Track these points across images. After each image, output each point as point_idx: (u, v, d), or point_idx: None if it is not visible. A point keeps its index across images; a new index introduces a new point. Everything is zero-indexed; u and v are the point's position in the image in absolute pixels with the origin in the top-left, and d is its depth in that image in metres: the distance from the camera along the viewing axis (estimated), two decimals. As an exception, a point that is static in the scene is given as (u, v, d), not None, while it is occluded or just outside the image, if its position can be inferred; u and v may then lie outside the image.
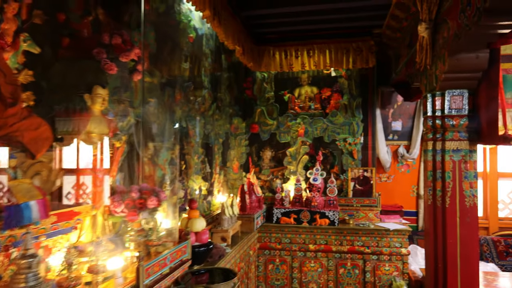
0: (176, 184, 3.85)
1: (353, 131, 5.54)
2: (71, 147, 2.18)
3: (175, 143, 3.79)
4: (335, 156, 5.70)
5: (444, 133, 3.05)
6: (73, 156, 2.20)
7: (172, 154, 3.89)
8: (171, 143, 3.49)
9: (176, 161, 3.96)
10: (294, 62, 5.28)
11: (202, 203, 4.33)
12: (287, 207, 5.16)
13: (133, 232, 2.28)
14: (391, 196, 5.92)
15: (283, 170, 5.80)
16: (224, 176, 5.39)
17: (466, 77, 2.88)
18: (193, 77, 4.12)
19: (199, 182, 4.61)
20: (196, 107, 4.13)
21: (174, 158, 3.93)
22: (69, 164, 2.13)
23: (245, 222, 4.64)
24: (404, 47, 4.46)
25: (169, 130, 3.43)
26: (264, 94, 5.80)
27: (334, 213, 5.01)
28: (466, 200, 2.95)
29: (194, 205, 3.00)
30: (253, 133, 5.82)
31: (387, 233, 4.86)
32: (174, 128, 3.56)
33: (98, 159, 2.36)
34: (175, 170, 3.93)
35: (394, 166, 5.98)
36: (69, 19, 2.31)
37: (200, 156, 4.26)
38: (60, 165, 2.08)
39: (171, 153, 3.84)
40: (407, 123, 5.94)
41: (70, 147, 2.15)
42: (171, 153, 3.46)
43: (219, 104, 5.07)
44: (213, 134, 4.75)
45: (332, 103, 5.66)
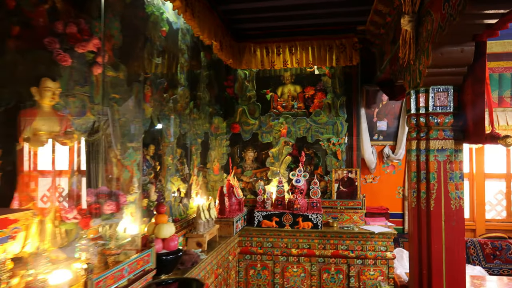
0: (150, 187, 3.63)
1: (337, 131, 5.37)
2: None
3: (149, 143, 3.57)
4: (319, 156, 5.53)
5: (428, 131, 2.88)
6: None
7: (146, 155, 3.67)
8: (139, 143, 3.27)
9: (150, 162, 3.75)
10: (276, 60, 5.09)
11: (178, 206, 4.10)
12: (268, 209, 4.97)
13: (84, 241, 2.05)
14: (376, 198, 5.76)
15: (266, 172, 5.60)
16: (203, 178, 5.17)
17: (450, 72, 2.72)
18: (168, 74, 3.90)
19: (178, 184, 4.39)
20: (171, 105, 3.90)
21: (148, 159, 3.71)
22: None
23: (224, 226, 4.43)
24: (388, 43, 4.30)
25: (138, 129, 3.20)
26: (246, 93, 5.60)
27: (317, 216, 4.83)
28: (452, 202, 2.78)
29: (162, 210, 2.78)
30: (234, 133, 5.61)
31: (372, 236, 4.69)
32: (144, 127, 3.34)
33: (50, 160, 2.13)
34: (149, 172, 3.71)
35: (380, 167, 5.83)
36: (20, 6, 2.09)
37: (175, 157, 4.04)
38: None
39: (145, 153, 3.62)
40: (393, 123, 5.79)
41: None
42: (140, 153, 3.23)
43: (198, 103, 4.86)
44: (190, 134, 4.53)
45: (316, 102, 5.49)
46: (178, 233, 3.73)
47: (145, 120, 3.35)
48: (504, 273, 5.20)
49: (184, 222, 3.97)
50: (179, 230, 3.76)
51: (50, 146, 2.14)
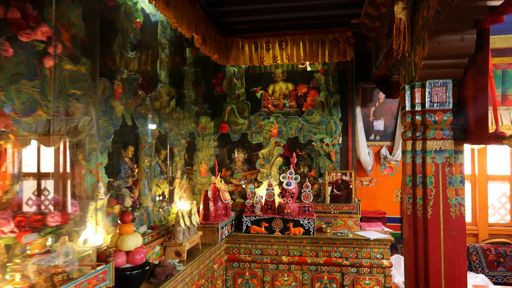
0: (125, 191, 3.35)
1: (331, 130, 5.07)
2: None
3: (128, 144, 3.29)
4: (312, 158, 5.23)
5: (425, 131, 2.59)
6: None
7: (125, 157, 3.40)
8: (108, 143, 2.98)
9: (129, 165, 3.47)
10: (265, 55, 4.80)
11: (157, 212, 3.81)
12: (257, 214, 4.67)
13: (18, 260, 1.77)
14: (373, 202, 5.47)
15: (256, 174, 5.31)
16: (189, 181, 4.89)
17: (449, 64, 2.42)
18: (145, 69, 3.62)
19: (156, 187, 4.11)
20: (148, 104, 3.62)
21: (127, 161, 3.43)
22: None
23: (208, 233, 4.14)
24: (383, 37, 4.01)
25: (105, 129, 2.92)
26: (235, 91, 5.31)
27: (309, 221, 4.53)
28: (451, 210, 2.49)
29: (127, 218, 2.49)
30: (223, 134, 5.32)
31: (367, 243, 4.39)
32: (114, 126, 3.05)
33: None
34: (127, 175, 3.43)
35: (377, 169, 5.54)
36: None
37: (154, 158, 3.75)
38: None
39: (124, 155, 3.34)
40: (390, 122, 5.50)
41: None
42: (106, 155, 2.94)
43: (183, 101, 4.58)
44: (172, 134, 4.25)
45: (309, 100, 5.20)
46: (155, 242, 3.45)
47: (115, 119, 3.06)
48: (509, 281, 4.89)
49: (163, 229, 3.68)
50: (156, 238, 3.47)
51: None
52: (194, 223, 3.76)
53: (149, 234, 3.35)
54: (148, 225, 3.60)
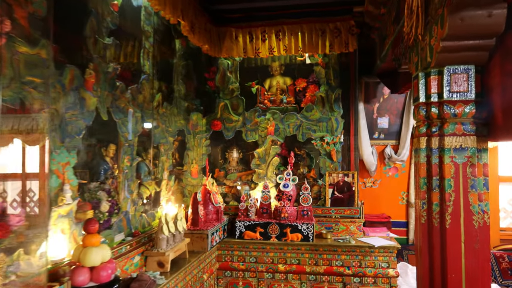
0: (101, 195, 2.98)
1: (332, 128, 4.70)
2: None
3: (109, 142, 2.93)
4: (312, 157, 4.87)
5: (442, 125, 2.22)
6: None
7: (105, 156, 3.04)
8: (78, 140, 2.61)
9: (110, 165, 3.10)
10: (261, 46, 4.43)
11: (140, 217, 3.44)
12: (252, 219, 4.30)
13: None
14: (377, 205, 5.10)
15: (252, 175, 4.94)
16: (179, 182, 4.52)
17: (473, 45, 2.05)
18: (125, 59, 3.25)
19: (152, 188, 3.77)
20: (128, 97, 3.25)
21: (107, 161, 3.07)
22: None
23: (197, 240, 3.77)
24: (390, 24, 3.64)
25: (74, 124, 2.55)
26: (228, 85, 4.94)
27: (308, 226, 4.16)
28: (474, 218, 2.12)
29: (92, 227, 2.12)
30: (215, 131, 4.95)
31: (371, 250, 4.02)
32: (86, 121, 2.68)
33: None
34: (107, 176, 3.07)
35: (381, 169, 5.16)
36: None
37: (135, 158, 3.38)
38: None
39: (104, 154, 2.99)
40: (395, 119, 5.12)
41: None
42: (74, 154, 2.57)
43: (172, 96, 4.22)
44: (158, 131, 3.88)
45: (308, 96, 4.83)
46: (134, 251, 3.08)
47: (87, 113, 2.69)
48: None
49: (145, 236, 3.31)
50: (136, 246, 3.10)
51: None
52: (180, 229, 3.39)
53: (127, 243, 2.97)
54: (128, 232, 3.23)
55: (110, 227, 2.99)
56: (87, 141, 2.76)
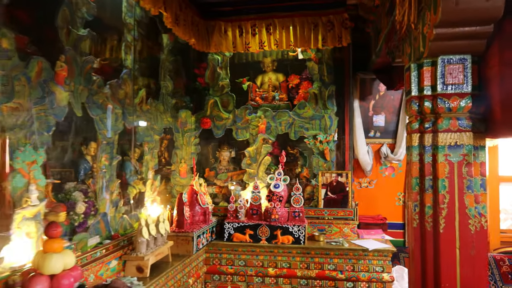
0: (77, 195, 2.82)
1: (325, 126, 4.53)
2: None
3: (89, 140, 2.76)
4: (305, 157, 4.69)
5: (436, 121, 2.04)
6: None
7: (86, 155, 2.88)
8: (48, 137, 2.44)
9: (91, 164, 2.94)
10: (251, 41, 4.25)
11: (120, 219, 3.27)
12: (241, 220, 4.13)
13: None
14: (372, 205, 4.92)
15: (243, 174, 4.77)
16: (166, 182, 4.35)
17: (469, 33, 1.88)
18: (102, 52, 3.08)
19: (139, 187, 3.61)
20: (107, 92, 3.08)
21: (88, 160, 2.91)
22: None
23: (181, 243, 3.60)
24: (384, 16, 3.46)
25: (43, 120, 2.38)
26: (218, 82, 4.77)
27: (299, 229, 3.99)
28: (470, 222, 1.94)
29: (54, 232, 1.95)
30: (205, 129, 4.78)
31: (365, 253, 3.85)
32: (57, 117, 2.51)
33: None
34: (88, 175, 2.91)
35: (377, 169, 4.99)
36: None
37: (114, 157, 3.20)
38: None
39: (85, 152, 2.83)
40: (392, 117, 4.95)
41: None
42: (43, 151, 2.40)
43: (158, 93, 4.06)
44: (142, 129, 3.71)
45: (301, 93, 4.66)
46: (111, 255, 2.90)
47: (57, 109, 2.52)
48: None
49: (124, 239, 3.13)
50: (113, 250, 2.93)
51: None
52: (162, 232, 3.21)
53: (103, 247, 2.80)
54: (107, 235, 3.06)
55: (85, 229, 2.83)
56: (59, 139, 2.59)
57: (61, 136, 2.60)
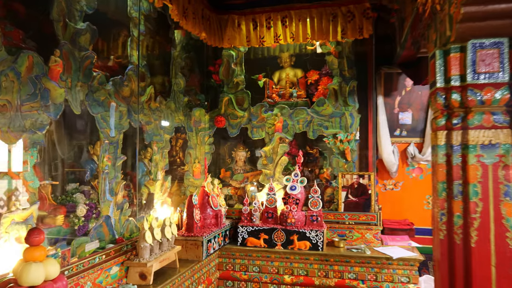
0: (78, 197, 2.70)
1: (346, 124, 4.23)
2: None
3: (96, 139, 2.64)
4: (325, 157, 4.42)
5: (466, 116, 1.75)
6: None
7: (93, 154, 2.77)
8: (40, 136, 2.30)
9: (91, 165, 2.82)
10: (266, 35, 4.02)
11: (126, 222, 3.13)
12: (256, 224, 3.91)
13: None
14: (398, 209, 4.57)
15: (259, 175, 4.55)
16: (180, 183, 4.20)
17: (504, 11, 1.58)
18: (105, 46, 2.94)
19: (152, 189, 3.52)
20: (109, 89, 2.93)
21: (95, 160, 2.79)
22: None
23: (191, 247, 3.42)
24: (409, 3, 3.15)
25: (35, 117, 2.24)
26: (233, 78, 4.56)
27: (317, 234, 3.73)
28: (509, 235, 1.64)
29: (36, 239, 1.79)
30: (219, 128, 4.59)
31: (389, 262, 3.54)
32: (51, 115, 2.37)
33: None
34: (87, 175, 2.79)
35: (403, 170, 4.64)
36: None
37: (118, 157, 3.06)
38: None
39: (92, 152, 2.71)
40: (419, 114, 4.58)
41: None
42: (35, 151, 2.27)
43: (169, 90, 3.92)
44: (151, 127, 3.56)
45: (320, 89, 4.39)
46: (111, 261, 2.75)
47: (52, 106, 2.38)
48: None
49: (130, 243, 2.98)
50: (114, 255, 2.77)
51: None
52: (168, 236, 3.04)
53: (102, 252, 2.65)
54: (111, 239, 2.92)
55: (86, 233, 2.69)
56: (56, 138, 2.46)
57: (58, 135, 2.47)
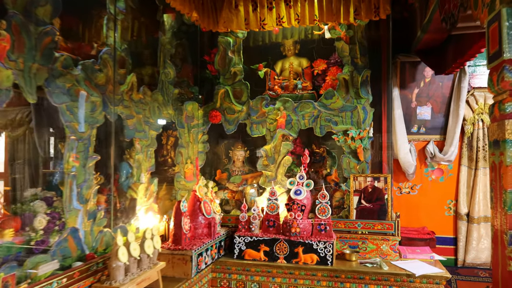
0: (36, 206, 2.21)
1: (358, 119, 3.72)
2: None
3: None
4: (334, 157, 3.92)
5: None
6: None
7: (46, 152, 2.30)
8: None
9: (56, 165, 2.34)
10: (267, 17, 3.51)
11: (100, 234, 2.62)
12: (255, 234, 3.40)
13: None
14: (416, 216, 4.07)
15: (259, 177, 4.04)
16: (168, 186, 3.70)
17: None
18: (72, 23, 2.44)
19: (130, 194, 3.02)
20: (78, 74, 2.43)
21: (47, 159, 2.31)
22: None
23: (178, 263, 2.91)
24: (437, -27, 2.64)
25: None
26: (229, 68, 4.05)
27: (326, 245, 3.22)
28: None
29: None
30: (214, 124, 4.09)
31: (410, 280, 3.03)
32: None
33: None
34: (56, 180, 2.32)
35: (421, 171, 4.13)
36: None
37: (89, 157, 2.55)
38: None
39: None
40: (440, 109, 4.07)
41: None
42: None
43: (155, 80, 3.42)
44: (133, 122, 3.06)
45: (329, 80, 3.88)
46: (76, 285, 2.24)
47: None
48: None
49: (102, 260, 2.48)
50: (78, 278, 2.25)
51: None
52: (149, 251, 2.53)
53: (63, 275, 2.14)
54: (79, 255, 2.42)
55: (45, 251, 2.19)
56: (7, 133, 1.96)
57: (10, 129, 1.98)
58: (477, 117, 3.93)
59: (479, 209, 3.88)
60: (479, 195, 3.89)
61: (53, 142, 2.36)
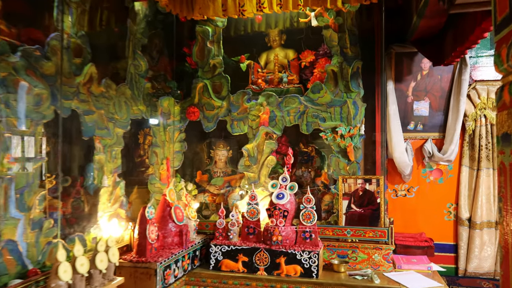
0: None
1: (348, 115, 3.38)
2: None
3: None
4: (323, 156, 3.59)
5: None
6: None
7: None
8: None
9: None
10: (247, 2, 3.16)
11: (46, 247, 2.29)
12: (233, 242, 3.07)
13: None
14: (413, 221, 3.73)
15: (241, 179, 3.71)
16: (141, 189, 3.38)
17: None
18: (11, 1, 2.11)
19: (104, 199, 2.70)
20: (17, 61, 2.10)
21: None
22: None
23: (141, 277, 2.58)
24: None
25: None
26: (208, 60, 3.72)
27: (311, 256, 2.88)
28: None
29: None
30: (192, 122, 3.76)
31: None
32: None
33: None
34: None
35: (418, 172, 3.78)
36: None
37: (32, 158, 2.22)
38: None
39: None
40: (439, 104, 3.72)
41: None
42: None
43: (127, 72, 3.09)
44: (94, 118, 2.73)
45: (317, 73, 3.55)
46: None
47: None
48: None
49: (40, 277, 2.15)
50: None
51: None
52: (102, 267, 2.20)
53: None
54: (19, 271, 2.09)
55: (-27, 269, 1.86)
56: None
57: None
58: (479, 113, 3.59)
59: (481, 214, 3.54)
60: (481, 198, 3.55)
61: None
